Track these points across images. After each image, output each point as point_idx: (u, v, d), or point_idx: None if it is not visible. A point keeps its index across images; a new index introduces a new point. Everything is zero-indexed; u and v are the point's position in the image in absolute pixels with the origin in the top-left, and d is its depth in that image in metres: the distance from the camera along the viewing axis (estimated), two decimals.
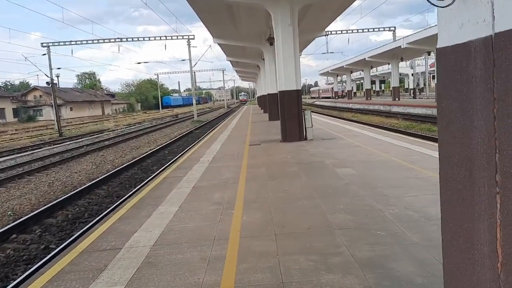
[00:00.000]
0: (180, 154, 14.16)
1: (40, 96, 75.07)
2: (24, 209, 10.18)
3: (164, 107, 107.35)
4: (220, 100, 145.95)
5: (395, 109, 35.91)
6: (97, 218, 7.55)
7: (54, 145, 26.11)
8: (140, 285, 3.39)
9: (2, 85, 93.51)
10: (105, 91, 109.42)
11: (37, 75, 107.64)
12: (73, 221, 8.69)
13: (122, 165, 16.11)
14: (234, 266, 3.60)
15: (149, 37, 46.19)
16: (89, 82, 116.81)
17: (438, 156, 5.18)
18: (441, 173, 1.84)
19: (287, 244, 4.05)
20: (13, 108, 66.07)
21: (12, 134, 40.37)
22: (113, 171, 14.63)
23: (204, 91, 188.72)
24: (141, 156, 18.03)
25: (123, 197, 9.75)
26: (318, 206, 5.35)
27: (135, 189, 10.08)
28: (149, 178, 9.80)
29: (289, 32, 13.02)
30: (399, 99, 44.83)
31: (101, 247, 4.40)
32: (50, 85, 34.77)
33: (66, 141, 28.38)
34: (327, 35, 47.48)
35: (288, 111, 13.38)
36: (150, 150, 20.43)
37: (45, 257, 6.25)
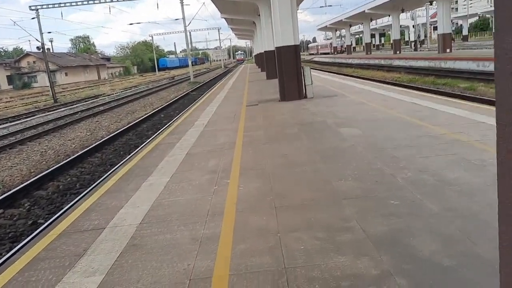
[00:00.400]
0: (175, 118, 13.62)
1: (34, 62, 73.24)
2: (14, 181, 9.76)
3: (160, 69, 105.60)
4: (217, 60, 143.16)
5: (396, 62, 34.99)
6: (83, 193, 7.09)
7: (48, 112, 25.51)
8: (121, 275, 2.95)
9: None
10: (99, 55, 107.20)
11: (29, 41, 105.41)
12: (64, 193, 8.28)
13: (117, 130, 15.62)
14: (229, 248, 3.15)
15: None
16: (83, 46, 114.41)
17: (449, 111, 4.55)
18: (500, 142, 1.31)
19: (289, 218, 3.59)
20: (7, 76, 64.77)
21: (6, 102, 39.63)
22: (107, 137, 14.15)
23: (200, 52, 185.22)
24: (137, 121, 17.50)
25: (117, 164, 9.30)
26: (321, 172, 4.87)
27: (128, 156, 9.59)
28: (141, 146, 9.30)
29: None
30: (400, 52, 43.68)
31: (83, 227, 3.95)
32: (41, 50, 33.62)
33: (61, 108, 27.76)
34: None
35: (286, 68, 12.69)
36: (146, 114, 19.88)
37: (32, 233, 5.87)
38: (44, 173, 9.41)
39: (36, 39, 44.51)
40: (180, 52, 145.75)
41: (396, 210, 3.50)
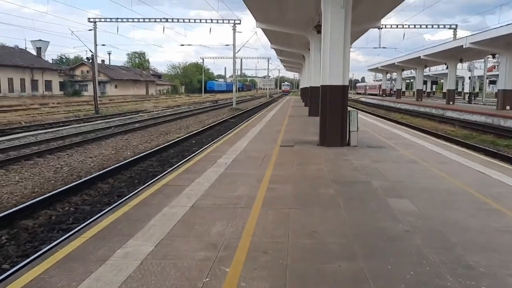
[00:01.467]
0: (200, 150, 12.39)
1: (87, 71, 75.66)
2: (10, 201, 8.73)
3: (207, 91, 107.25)
4: (263, 89, 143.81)
5: (449, 114, 32.81)
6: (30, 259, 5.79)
7: (84, 123, 25.17)
8: None
9: (57, 59, 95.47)
10: (151, 71, 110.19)
11: (86, 51, 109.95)
12: (52, 227, 7.10)
13: (143, 153, 14.67)
14: None
15: (194, 19, 44.81)
16: (138, 61, 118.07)
17: None
18: None
19: None
20: (60, 82, 66.91)
21: (51, 107, 40.31)
22: (129, 159, 13.20)
23: (249, 78, 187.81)
24: (166, 144, 16.56)
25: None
26: (362, 280, 3.33)
27: (129, 195, 8.32)
28: (147, 184, 8.03)
29: (340, 15, 10.81)
30: (453, 103, 41.23)
31: None
32: (90, 60, 33.95)
33: (99, 120, 27.47)
34: (381, 28, 44.34)
35: (330, 109, 11.25)
36: (178, 137, 18.93)
37: None
38: (41, 198, 8.33)
39: (90, 50, 45.65)
40: (229, 77, 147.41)
41: None
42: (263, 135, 14.05)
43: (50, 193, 8.66)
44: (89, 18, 43.90)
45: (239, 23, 42.85)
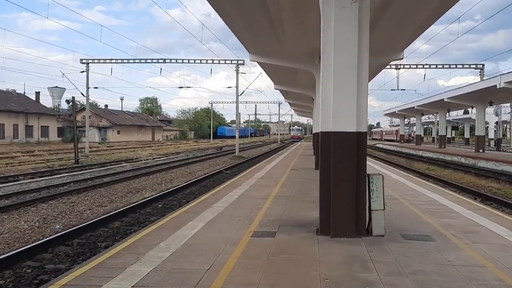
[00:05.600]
0: (149, 224, 7.85)
1: (89, 117, 72.91)
2: None
3: (218, 137, 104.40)
4: (276, 134, 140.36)
5: (482, 164, 27.88)
6: None
7: (44, 176, 20.91)
8: None
9: (69, 105, 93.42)
10: (158, 117, 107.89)
11: (90, 97, 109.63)
12: None
13: (78, 225, 10.33)
14: None
15: (194, 60, 41.56)
16: (149, 106, 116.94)
17: None
18: None
19: None
20: (58, 127, 63.98)
21: (33, 155, 36.56)
22: (43, 240, 8.96)
23: (262, 124, 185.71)
24: (121, 209, 12.17)
25: None
26: None
27: None
28: None
29: (351, 16, 6.44)
30: (483, 151, 36.21)
31: None
32: (71, 103, 30.35)
33: (68, 172, 23.30)
34: (399, 69, 40.38)
35: (336, 173, 6.64)
36: (145, 198, 14.46)
37: None
38: None
39: (82, 94, 42.45)
40: (244, 122, 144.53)
41: None
42: (238, 207, 9.39)
43: None
44: (81, 59, 41.14)
45: (243, 64, 39.38)
